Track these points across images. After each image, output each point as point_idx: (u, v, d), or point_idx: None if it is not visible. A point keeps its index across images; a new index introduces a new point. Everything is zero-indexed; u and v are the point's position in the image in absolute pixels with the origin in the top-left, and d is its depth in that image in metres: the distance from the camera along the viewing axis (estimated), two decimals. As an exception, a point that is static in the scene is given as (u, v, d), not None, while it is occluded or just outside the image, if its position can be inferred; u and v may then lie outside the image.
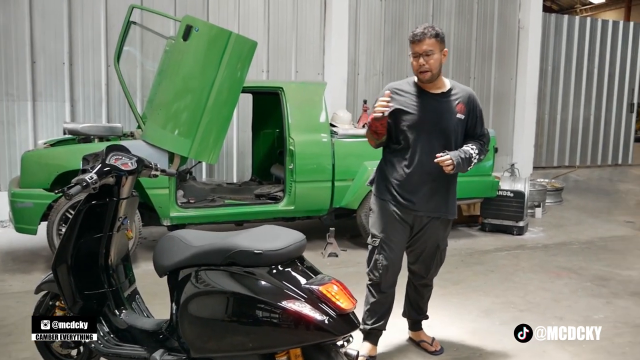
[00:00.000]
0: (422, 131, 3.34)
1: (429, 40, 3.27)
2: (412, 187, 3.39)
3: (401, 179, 3.41)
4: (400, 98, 3.39)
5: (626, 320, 4.32)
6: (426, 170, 3.36)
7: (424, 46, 3.27)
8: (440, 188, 3.44)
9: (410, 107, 3.36)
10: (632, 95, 12.73)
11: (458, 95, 3.44)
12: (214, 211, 5.81)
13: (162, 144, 5.35)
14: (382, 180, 3.52)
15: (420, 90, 3.42)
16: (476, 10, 10.33)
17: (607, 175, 11.75)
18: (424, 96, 3.39)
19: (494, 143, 6.59)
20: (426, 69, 3.29)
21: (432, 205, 3.43)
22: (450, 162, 3.23)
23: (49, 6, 7.44)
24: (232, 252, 2.37)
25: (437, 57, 3.32)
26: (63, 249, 2.88)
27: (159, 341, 2.73)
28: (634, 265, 5.76)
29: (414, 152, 3.37)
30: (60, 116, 7.59)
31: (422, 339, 3.82)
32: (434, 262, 3.63)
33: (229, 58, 5.30)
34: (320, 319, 2.21)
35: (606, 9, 25.57)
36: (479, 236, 6.91)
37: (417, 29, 3.31)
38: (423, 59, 3.28)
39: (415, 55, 3.30)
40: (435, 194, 3.42)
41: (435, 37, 3.30)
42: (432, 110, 3.36)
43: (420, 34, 3.27)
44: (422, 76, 3.33)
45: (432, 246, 3.56)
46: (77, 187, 2.55)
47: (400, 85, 3.47)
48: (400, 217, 3.43)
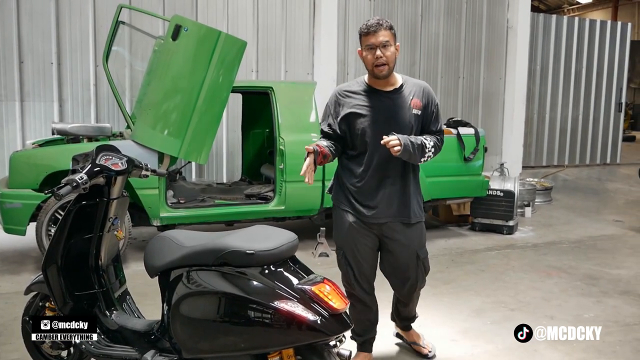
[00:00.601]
0: (377, 132, 3.10)
1: (384, 31, 3.06)
2: (371, 192, 3.20)
3: (359, 184, 3.21)
4: (350, 101, 3.20)
5: (616, 319, 4.35)
6: (384, 173, 3.18)
7: (380, 37, 3.04)
8: (400, 191, 3.22)
9: (362, 108, 3.17)
10: (620, 94, 12.84)
11: (411, 90, 3.23)
12: (204, 211, 5.78)
13: (151, 144, 5.32)
14: (340, 188, 3.32)
15: (371, 89, 3.21)
16: (465, 11, 10.37)
17: (596, 175, 11.83)
18: (376, 95, 3.19)
19: (483, 142, 6.63)
20: (383, 61, 3.07)
21: (394, 210, 3.21)
22: (397, 142, 2.96)
23: (37, 6, 7.39)
24: (224, 252, 2.36)
25: (393, 49, 3.11)
26: (53, 249, 2.86)
27: (150, 342, 2.71)
28: (623, 264, 5.80)
29: (370, 155, 3.17)
30: (48, 116, 7.55)
31: (414, 340, 3.73)
32: (417, 274, 3.35)
33: (218, 58, 5.27)
34: (312, 319, 2.20)
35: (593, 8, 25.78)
36: (469, 235, 6.93)
37: (369, 21, 3.09)
38: (380, 51, 3.06)
39: (371, 47, 3.07)
40: (395, 198, 3.21)
41: (390, 29, 3.09)
42: (386, 109, 3.15)
43: (376, 24, 3.05)
44: (378, 70, 3.10)
45: (409, 255, 3.29)
46: (67, 187, 2.54)
47: (349, 87, 3.27)
48: (362, 227, 3.24)
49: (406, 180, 3.25)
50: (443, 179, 6.47)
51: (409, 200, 3.25)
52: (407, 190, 3.25)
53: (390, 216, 3.22)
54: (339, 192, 3.34)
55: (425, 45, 10.06)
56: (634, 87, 22.16)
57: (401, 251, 3.28)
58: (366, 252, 3.29)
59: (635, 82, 21.82)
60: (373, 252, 3.33)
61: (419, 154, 3.10)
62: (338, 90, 3.29)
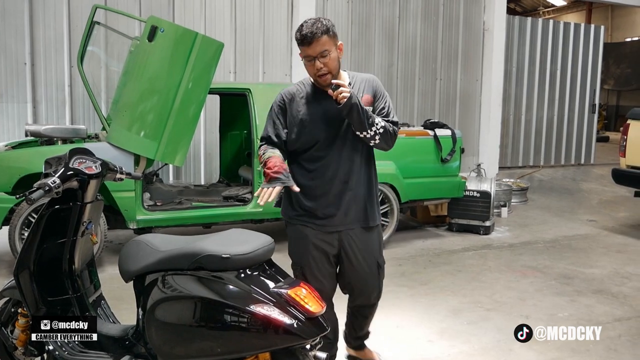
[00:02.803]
0: (329, 136, 2.93)
1: (320, 38, 2.76)
2: (329, 200, 2.97)
3: (312, 193, 2.97)
4: (295, 104, 2.98)
5: (590, 318, 4.41)
6: (341, 178, 2.96)
7: (317, 47, 2.77)
8: (359, 195, 3.01)
9: (309, 113, 2.94)
10: (594, 96, 13.02)
11: (359, 87, 3.01)
12: (182, 214, 5.74)
13: (127, 146, 5.27)
14: (290, 201, 3.06)
15: (318, 90, 2.96)
16: (442, 13, 10.44)
17: (571, 175, 11.99)
18: (323, 97, 2.93)
19: (460, 144, 6.68)
20: (324, 71, 2.83)
21: (354, 216, 3.01)
22: (347, 89, 2.75)
23: (9, 5, 7.28)
24: (200, 256, 2.34)
25: (334, 55, 2.84)
26: (25, 254, 2.81)
27: (125, 347, 2.69)
28: (597, 263, 5.88)
29: (324, 161, 2.95)
30: (22, 118, 7.44)
31: (370, 357, 3.53)
32: (379, 284, 3.20)
33: (195, 59, 5.24)
34: (289, 322, 2.19)
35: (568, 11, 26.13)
36: (447, 236, 6.98)
37: (302, 27, 2.79)
38: (319, 62, 2.81)
39: (309, 59, 2.82)
40: (354, 203, 3.00)
41: (326, 33, 2.78)
42: (335, 111, 2.84)
43: (310, 33, 2.75)
44: (322, 80, 2.87)
45: (369, 264, 3.10)
46: (39, 191, 2.50)
47: (293, 90, 3.02)
48: (320, 240, 3.01)
49: (367, 181, 3.06)
50: (420, 180, 6.52)
51: (367, 203, 3.06)
52: (365, 193, 3.05)
53: (352, 222, 3.03)
54: (289, 205, 3.08)
55: (402, 47, 10.11)
56: (607, 89, 22.52)
57: (361, 259, 3.07)
58: (326, 268, 3.07)
59: (609, 83, 22.19)
60: (332, 268, 3.11)
61: (365, 120, 2.82)
62: (282, 94, 3.04)
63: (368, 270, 3.10)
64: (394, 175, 6.19)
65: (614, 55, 21.86)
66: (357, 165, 3.01)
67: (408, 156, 6.44)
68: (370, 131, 2.87)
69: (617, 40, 23.77)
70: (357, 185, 3.01)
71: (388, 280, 5.16)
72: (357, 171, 3.01)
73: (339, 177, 2.97)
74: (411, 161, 6.46)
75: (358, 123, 2.84)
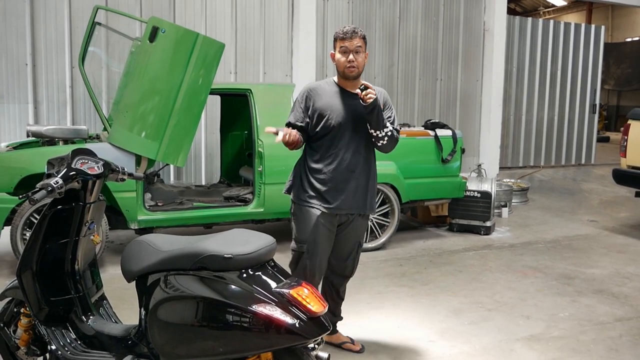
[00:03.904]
0: (343, 129, 3.43)
1: (359, 38, 3.37)
2: (337, 186, 3.44)
3: (325, 179, 3.45)
4: (320, 98, 3.47)
5: (590, 318, 4.42)
6: (349, 167, 3.45)
7: (355, 42, 3.36)
8: (362, 184, 3.51)
9: (331, 105, 3.45)
10: (594, 96, 13.03)
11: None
12: (183, 214, 5.75)
13: (128, 146, 5.28)
14: (303, 185, 3.53)
15: (339, 89, 3.51)
16: (442, 13, 10.45)
17: (571, 175, 12.00)
18: (343, 95, 3.48)
19: (461, 144, 6.69)
20: (355, 65, 3.38)
21: (356, 203, 3.51)
22: (374, 93, 3.27)
23: (11, 7, 7.29)
24: (202, 256, 2.35)
25: (364, 56, 3.43)
26: (28, 254, 2.81)
27: (128, 347, 2.69)
28: (597, 264, 5.89)
29: (336, 150, 3.44)
30: (23, 118, 7.45)
31: (343, 340, 3.82)
32: (355, 261, 3.71)
33: (196, 60, 5.25)
34: (291, 322, 2.20)
35: (568, 11, 26.14)
36: (447, 236, 6.99)
37: (345, 27, 3.40)
38: (353, 55, 3.37)
39: (345, 51, 3.37)
40: (357, 191, 3.49)
41: (363, 38, 3.40)
42: (352, 108, 3.43)
43: (352, 31, 3.36)
44: (349, 71, 3.41)
45: (353, 243, 3.64)
46: (42, 191, 2.51)
47: (319, 86, 3.56)
48: (327, 220, 3.47)
49: (369, 174, 3.55)
50: (421, 180, 6.52)
51: (369, 193, 3.57)
52: (368, 184, 3.54)
53: (354, 207, 3.51)
54: (301, 189, 3.54)
55: (403, 48, 10.11)
56: (608, 89, 22.53)
57: (349, 239, 3.61)
58: (327, 245, 3.54)
59: (609, 83, 22.19)
60: (331, 245, 3.58)
61: (381, 122, 3.38)
62: (309, 87, 3.56)
63: (350, 248, 3.65)
64: (394, 176, 6.20)
65: (615, 56, 21.87)
66: (363, 158, 3.50)
67: (409, 156, 6.44)
68: (382, 132, 3.40)
69: (617, 40, 23.79)
70: (365, 175, 3.52)
71: (389, 280, 5.21)
72: (363, 163, 3.50)
73: (350, 168, 3.46)
74: (412, 161, 6.47)
75: (375, 122, 3.37)
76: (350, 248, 3.65)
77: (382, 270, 5.57)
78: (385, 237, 6.30)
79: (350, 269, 3.72)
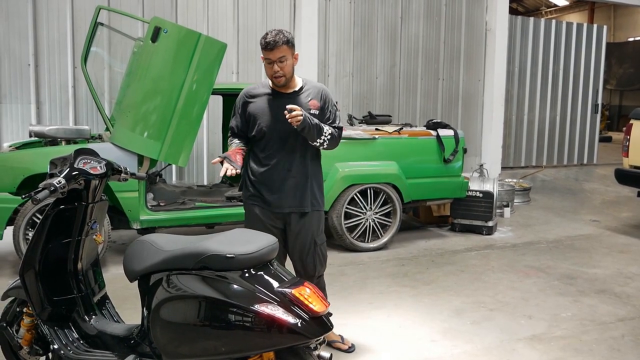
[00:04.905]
0: (278, 131, 3.47)
1: (281, 47, 3.36)
2: (274, 185, 3.51)
3: (262, 178, 3.54)
4: (254, 101, 3.54)
5: (593, 318, 4.42)
6: (285, 167, 3.50)
7: (277, 53, 3.36)
8: (301, 182, 3.54)
9: (264, 109, 3.51)
10: (597, 96, 13.00)
11: (309, 92, 3.57)
12: (185, 214, 5.76)
13: (131, 146, 5.28)
14: (246, 184, 3.63)
15: (273, 91, 3.55)
16: (444, 13, 10.44)
17: (573, 175, 11.98)
18: (277, 97, 3.52)
19: (463, 144, 6.69)
20: (280, 74, 3.41)
21: (297, 201, 3.54)
22: (300, 114, 3.27)
23: (13, 7, 7.30)
24: (204, 256, 2.35)
25: (290, 62, 3.44)
26: (31, 254, 2.83)
27: (130, 347, 2.70)
28: (600, 264, 5.88)
29: (271, 151, 3.50)
30: (26, 118, 7.46)
31: (332, 339, 3.79)
32: (315, 259, 3.66)
33: (198, 60, 5.25)
34: (293, 322, 2.20)
35: (570, 11, 26.12)
36: (449, 236, 6.99)
37: (267, 35, 3.37)
38: (277, 66, 3.39)
39: (269, 62, 3.40)
40: (297, 189, 3.53)
41: (286, 43, 3.38)
42: (284, 108, 3.37)
43: (272, 42, 3.33)
44: (277, 81, 3.46)
45: (309, 243, 3.62)
46: (44, 191, 2.52)
47: (254, 90, 3.61)
48: (268, 218, 3.55)
49: (306, 172, 3.57)
50: (423, 180, 6.52)
51: (310, 189, 3.59)
52: (307, 182, 3.57)
53: (291, 206, 3.54)
54: (245, 187, 3.65)
55: (405, 47, 10.11)
56: (610, 88, 22.50)
57: (300, 237, 3.60)
58: None
59: (611, 83, 22.16)
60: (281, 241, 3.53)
61: (315, 133, 3.40)
62: (244, 92, 3.62)
63: (304, 247, 3.62)
64: (396, 176, 6.20)
65: (617, 55, 21.82)
66: (299, 157, 3.54)
67: (411, 156, 6.45)
68: (319, 140, 3.46)
69: (619, 40, 23.75)
70: (302, 174, 3.55)
71: (390, 280, 5.22)
72: (299, 162, 3.53)
73: (286, 167, 3.51)
74: (414, 161, 6.47)
75: (310, 137, 3.43)
76: (304, 246, 3.61)
77: (384, 270, 5.58)
78: (387, 237, 6.30)
79: (312, 268, 3.67)
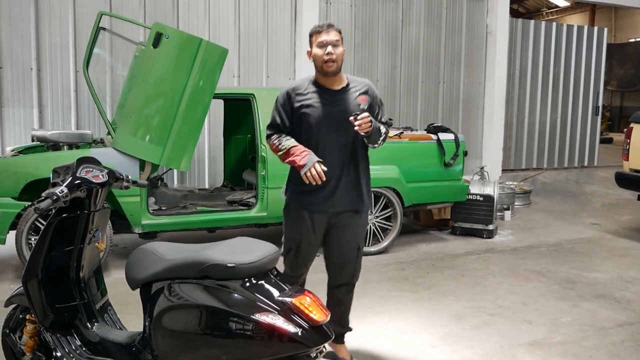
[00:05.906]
0: (328, 127, 3.30)
1: (335, 32, 3.26)
2: (327, 183, 3.28)
3: None
4: (302, 99, 3.34)
5: (592, 323, 4.43)
6: (338, 165, 3.33)
7: (332, 35, 3.24)
8: (354, 180, 3.40)
9: (312, 106, 3.32)
10: (597, 98, 13.00)
11: (357, 88, 3.40)
12: (186, 218, 5.78)
13: (132, 151, 5.31)
14: (293, 184, 3.43)
15: (320, 87, 3.36)
16: (445, 16, 10.46)
17: (574, 177, 11.98)
18: (325, 93, 3.34)
19: (463, 148, 6.70)
20: (333, 58, 3.22)
21: (349, 199, 3.40)
22: (369, 119, 3.13)
23: (16, 11, 7.33)
24: (205, 265, 2.38)
25: (341, 51, 3.28)
26: (33, 262, 2.85)
27: (132, 354, 2.72)
28: (600, 268, 5.90)
29: (322, 149, 3.29)
30: (28, 123, 7.49)
31: (343, 356, 3.61)
32: (356, 264, 3.53)
33: (199, 65, 5.28)
34: (293, 331, 2.23)
35: (571, 12, 26.11)
36: (450, 240, 7.01)
37: (319, 23, 3.32)
38: (330, 48, 3.22)
39: (322, 44, 3.23)
40: (350, 188, 3.38)
41: (339, 32, 3.29)
42: (335, 105, 3.31)
43: (327, 25, 3.26)
44: (327, 66, 3.25)
45: (350, 246, 3.47)
46: (47, 200, 2.54)
47: (299, 87, 3.39)
48: (315, 221, 3.39)
49: (358, 170, 3.42)
50: (424, 184, 6.54)
51: (362, 189, 3.45)
52: (360, 180, 3.43)
53: (345, 205, 3.39)
54: (290, 188, 3.47)
55: (405, 51, 10.13)
56: (611, 90, 22.49)
57: (347, 241, 3.46)
58: (312, 252, 3.49)
59: (612, 84, 22.15)
60: (317, 244, 3.49)
61: (377, 136, 3.30)
62: (289, 88, 3.40)
63: (349, 252, 3.48)
64: (397, 180, 6.22)
65: (618, 56, 21.81)
66: (349, 154, 3.37)
67: (411, 160, 6.47)
68: (378, 143, 3.36)
69: (620, 41, 23.75)
70: (354, 171, 3.40)
71: (391, 284, 5.23)
72: (349, 160, 3.37)
73: (338, 165, 3.34)
74: (414, 165, 6.48)
75: (372, 140, 3.31)
76: (347, 251, 3.47)
77: (385, 274, 5.59)
78: (388, 240, 6.32)
79: (350, 272, 3.52)
